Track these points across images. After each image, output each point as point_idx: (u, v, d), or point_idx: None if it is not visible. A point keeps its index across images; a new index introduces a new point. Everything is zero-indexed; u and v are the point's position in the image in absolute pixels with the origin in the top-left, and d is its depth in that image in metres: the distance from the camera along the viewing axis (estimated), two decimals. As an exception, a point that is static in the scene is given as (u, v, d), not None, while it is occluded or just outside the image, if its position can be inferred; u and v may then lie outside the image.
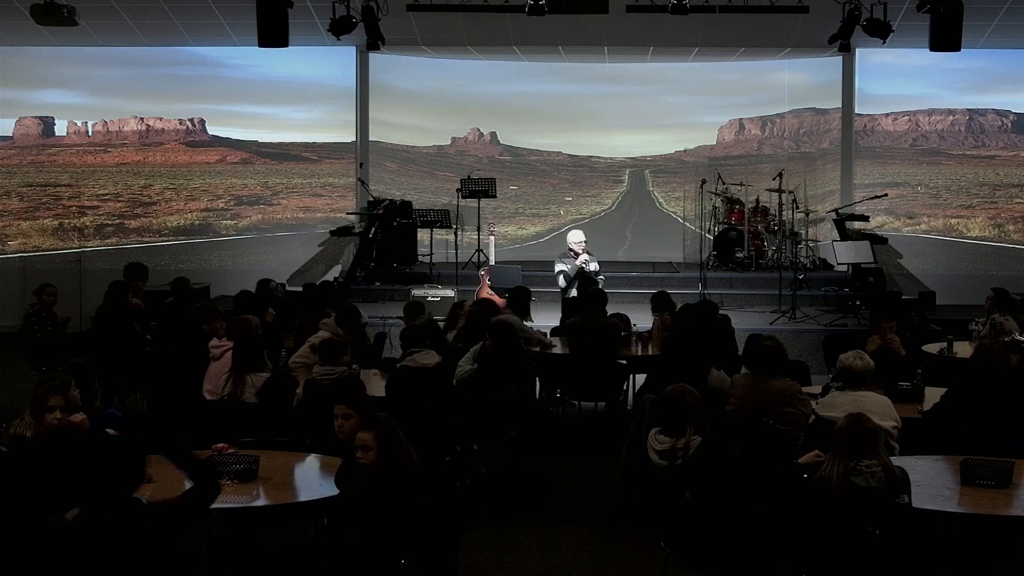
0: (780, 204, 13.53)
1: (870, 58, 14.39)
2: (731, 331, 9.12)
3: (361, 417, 5.13)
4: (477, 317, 8.31)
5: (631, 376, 8.91)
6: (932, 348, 9.02)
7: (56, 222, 14.93)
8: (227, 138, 15.17)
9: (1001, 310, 9.32)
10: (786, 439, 6.30)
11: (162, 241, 14.90)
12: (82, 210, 15.00)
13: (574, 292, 10.79)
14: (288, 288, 11.72)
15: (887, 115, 14.99)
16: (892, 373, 7.14)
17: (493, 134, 16.02)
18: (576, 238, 11.36)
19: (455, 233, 13.79)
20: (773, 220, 13.80)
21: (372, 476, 4.83)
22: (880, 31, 11.04)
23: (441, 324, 9.31)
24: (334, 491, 5.04)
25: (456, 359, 7.80)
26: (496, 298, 11.32)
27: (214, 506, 5.05)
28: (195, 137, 15.15)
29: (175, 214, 15.00)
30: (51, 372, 6.19)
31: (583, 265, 11.09)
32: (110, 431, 5.62)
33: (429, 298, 11.72)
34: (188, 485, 5.28)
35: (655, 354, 8.72)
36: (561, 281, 11.21)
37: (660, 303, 9.48)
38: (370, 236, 13.45)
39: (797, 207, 13.45)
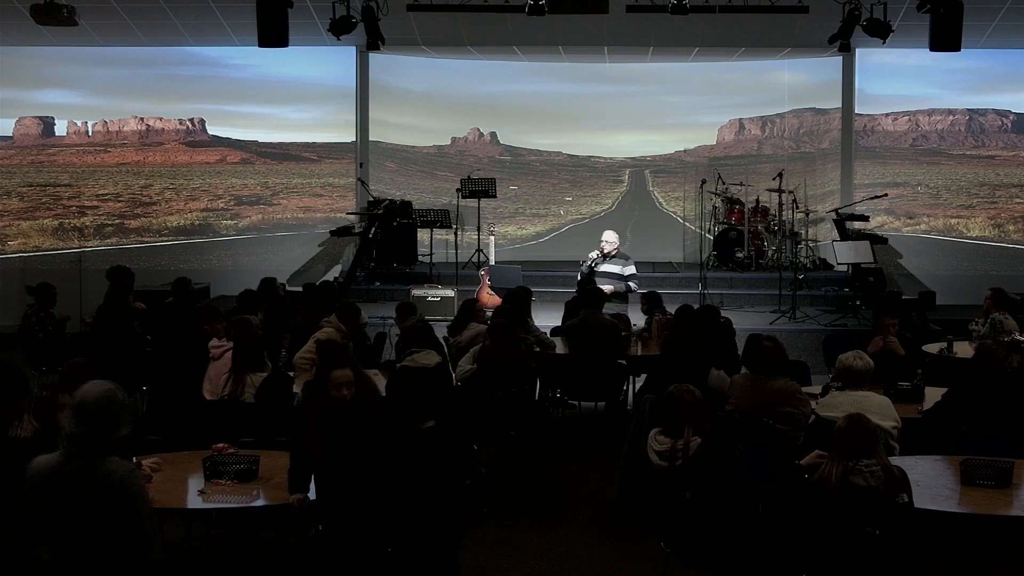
0: (780, 204, 13.53)
1: (870, 58, 14.40)
2: (732, 333, 9.12)
3: (359, 388, 5.24)
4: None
5: (631, 376, 8.92)
6: (932, 348, 9.03)
7: (56, 222, 14.93)
8: (227, 138, 15.17)
9: (1000, 309, 9.32)
10: (786, 439, 6.30)
11: (162, 241, 14.90)
12: (82, 210, 15.00)
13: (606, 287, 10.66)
14: (288, 288, 11.73)
15: (887, 115, 14.99)
16: (892, 373, 7.14)
17: (493, 134, 16.01)
18: (603, 237, 11.27)
19: (455, 233, 13.79)
20: (773, 220, 13.80)
21: (355, 409, 5.10)
22: (880, 31, 11.04)
23: (443, 324, 9.32)
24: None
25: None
26: (496, 298, 11.33)
27: (214, 506, 5.06)
28: (195, 137, 15.16)
29: (175, 214, 15.00)
30: (65, 371, 6.19)
31: (593, 264, 11.04)
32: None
33: (429, 298, 11.73)
34: (190, 486, 5.30)
35: (655, 354, 8.72)
36: (579, 276, 11.21)
37: (654, 304, 9.54)
38: (370, 236, 13.45)
39: (797, 207, 13.45)
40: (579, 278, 11.07)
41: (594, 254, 11.09)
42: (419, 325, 7.92)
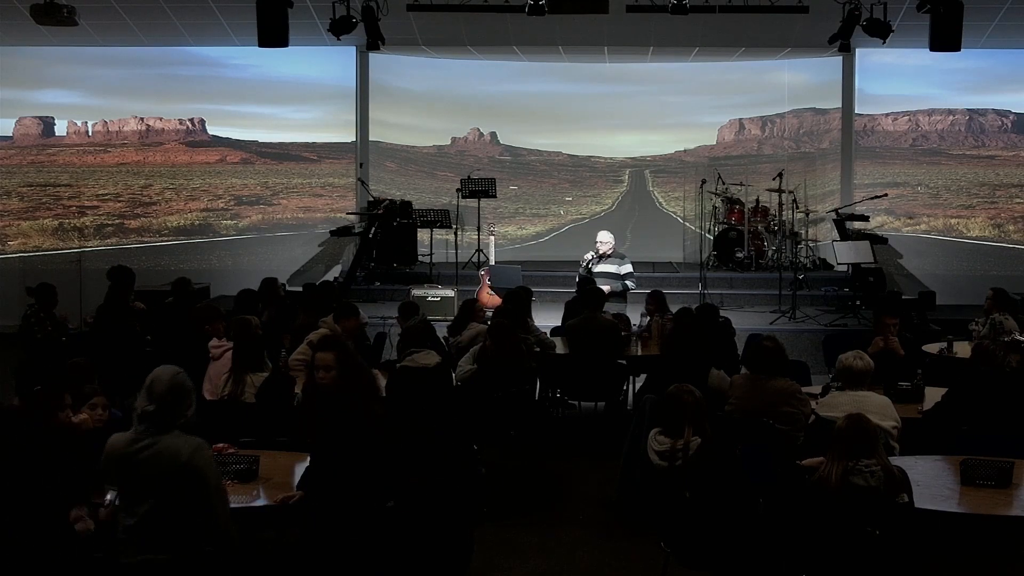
0: (780, 204, 13.54)
1: (870, 58, 14.40)
2: (732, 332, 9.12)
3: (341, 373, 5.21)
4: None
5: (631, 376, 8.92)
6: (932, 348, 9.02)
7: (56, 222, 14.93)
8: (227, 138, 15.17)
9: (1001, 310, 9.31)
10: (786, 439, 6.30)
11: (162, 241, 14.90)
12: (82, 210, 15.00)
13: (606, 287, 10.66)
14: (288, 288, 11.73)
15: (887, 115, 14.99)
16: (892, 373, 7.14)
17: (493, 134, 16.02)
18: (598, 237, 11.29)
19: (455, 233, 13.79)
20: (773, 220, 13.80)
21: (334, 394, 5.09)
22: (880, 31, 11.04)
23: (443, 324, 9.31)
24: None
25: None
26: (496, 298, 11.33)
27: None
28: (195, 137, 15.16)
29: (175, 214, 15.00)
30: (65, 371, 6.20)
31: (589, 264, 11.06)
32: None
33: (429, 298, 11.72)
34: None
35: (655, 354, 8.72)
36: (577, 277, 11.22)
37: (661, 304, 9.51)
38: (370, 236, 13.45)
39: (797, 207, 13.45)
40: (578, 279, 11.07)
41: (589, 255, 11.10)
42: (420, 325, 7.92)
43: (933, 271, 14.37)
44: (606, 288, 10.51)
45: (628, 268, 11.13)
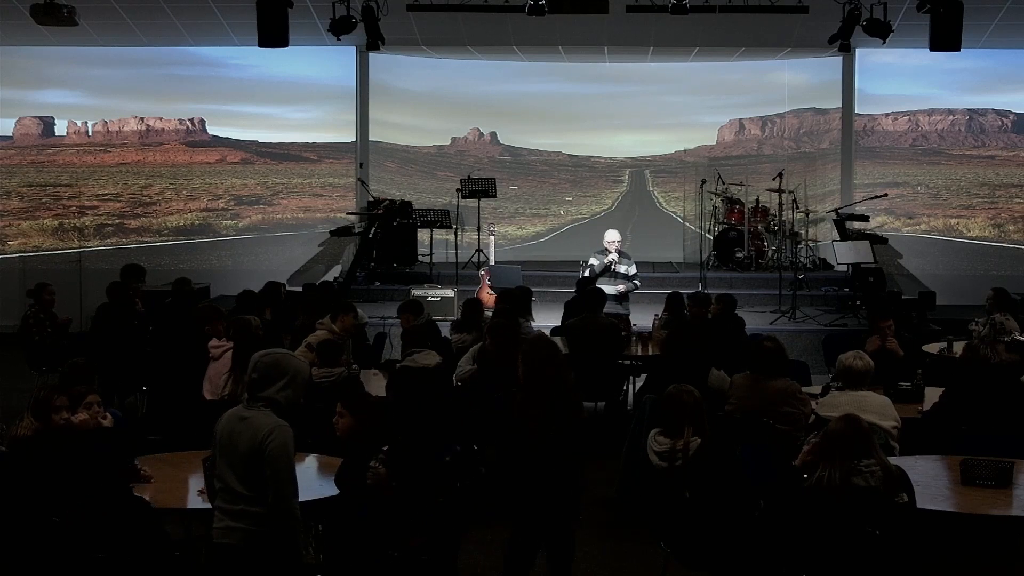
0: (780, 204, 13.53)
1: (870, 58, 14.40)
2: (742, 323, 9.15)
3: (353, 416, 5.14)
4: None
5: (631, 376, 8.91)
6: (932, 348, 9.02)
7: (56, 222, 14.93)
8: (227, 138, 15.17)
9: (1001, 310, 9.31)
10: (786, 439, 6.29)
11: (162, 241, 14.90)
12: (82, 210, 15.00)
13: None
14: (288, 288, 11.72)
15: (887, 115, 14.99)
16: (892, 373, 7.15)
17: (493, 134, 16.01)
18: (610, 236, 11.33)
19: (455, 233, 13.79)
20: (773, 220, 13.79)
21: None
22: (880, 31, 11.04)
23: (445, 323, 9.31)
24: (334, 491, 5.05)
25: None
26: (495, 298, 11.32)
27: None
28: (195, 137, 15.15)
29: (175, 214, 15.00)
30: (65, 371, 6.21)
31: (612, 264, 11.08)
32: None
33: (429, 298, 11.72)
34: (190, 486, 5.31)
35: (655, 354, 8.72)
36: (586, 272, 11.20)
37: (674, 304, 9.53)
38: (370, 236, 13.45)
39: (797, 207, 13.45)
40: (587, 274, 11.06)
41: (612, 256, 11.06)
42: (422, 325, 7.92)
43: (933, 271, 14.37)
44: (623, 288, 10.59)
45: (634, 268, 11.20)
